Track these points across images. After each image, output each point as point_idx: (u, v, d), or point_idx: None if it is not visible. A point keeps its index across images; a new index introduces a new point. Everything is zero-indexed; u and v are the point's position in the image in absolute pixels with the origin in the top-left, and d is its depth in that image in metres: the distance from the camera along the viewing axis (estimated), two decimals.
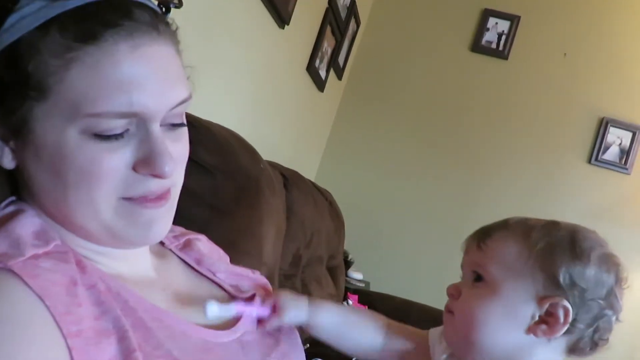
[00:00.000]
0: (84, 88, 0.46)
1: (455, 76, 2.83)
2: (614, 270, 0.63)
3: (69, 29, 0.46)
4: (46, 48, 0.46)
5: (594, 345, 0.63)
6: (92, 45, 0.46)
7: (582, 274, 0.60)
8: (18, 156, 0.51)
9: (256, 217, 1.06)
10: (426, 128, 2.83)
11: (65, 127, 0.47)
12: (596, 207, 2.64)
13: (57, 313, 0.45)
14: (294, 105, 2.25)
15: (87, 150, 0.48)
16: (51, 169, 0.49)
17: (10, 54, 0.47)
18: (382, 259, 2.77)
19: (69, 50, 0.46)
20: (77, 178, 0.49)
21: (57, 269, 0.48)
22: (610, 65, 2.68)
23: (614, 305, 0.62)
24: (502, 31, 2.79)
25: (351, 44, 2.73)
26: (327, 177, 2.80)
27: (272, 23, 1.73)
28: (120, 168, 0.50)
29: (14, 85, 0.47)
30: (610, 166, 2.67)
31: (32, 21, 0.46)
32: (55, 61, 0.46)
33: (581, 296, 0.60)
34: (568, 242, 0.61)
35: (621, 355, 2.56)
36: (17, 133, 0.49)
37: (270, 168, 1.41)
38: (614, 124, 2.66)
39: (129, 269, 0.58)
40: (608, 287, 0.62)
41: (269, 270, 1.26)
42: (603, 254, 0.62)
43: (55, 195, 0.51)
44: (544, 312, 0.60)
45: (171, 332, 0.53)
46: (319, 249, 1.85)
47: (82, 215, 0.52)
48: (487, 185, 2.70)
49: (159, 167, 0.50)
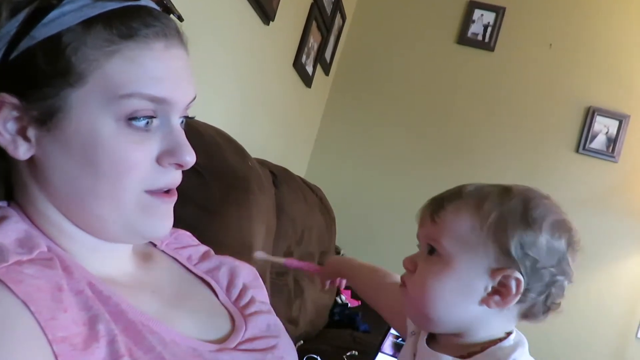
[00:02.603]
0: (122, 75, 0.51)
1: (442, 69, 2.84)
2: (566, 236, 0.63)
3: (112, 26, 0.51)
4: (90, 41, 0.50)
5: (547, 310, 0.64)
6: (132, 41, 0.51)
7: (534, 244, 0.60)
8: (38, 145, 0.52)
9: (245, 215, 1.05)
10: (414, 121, 2.83)
11: (100, 114, 0.51)
12: (585, 196, 2.66)
13: (42, 319, 0.44)
14: (281, 102, 2.24)
15: (120, 140, 0.52)
16: (82, 157, 0.51)
17: (51, 45, 0.50)
18: (374, 254, 2.77)
19: (111, 44, 0.51)
20: (109, 167, 0.52)
21: (41, 275, 0.47)
22: (596, 55, 2.70)
23: (566, 271, 0.63)
24: (488, 23, 2.79)
25: (337, 39, 2.72)
26: (318, 173, 2.80)
27: (257, 20, 1.72)
28: (148, 160, 0.53)
29: (52, 73, 0.50)
30: (597, 155, 2.68)
31: (74, 17, 0.50)
32: (98, 52, 0.50)
33: (533, 266, 0.60)
34: (520, 211, 0.61)
35: (610, 346, 2.59)
36: (47, 121, 0.51)
37: (259, 166, 1.40)
38: (600, 113, 2.68)
39: (119, 269, 0.58)
40: (560, 254, 0.62)
41: (260, 269, 1.25)
42: (555, 220, 0.63)
43: (80, 185, 0.52)
44: (497, 283, 0.61)
45: (161, 337, 0.53)
46: (311, 246, 1.85)
47: (105, 206, 0.53)
48: (475, 177, 2.68)
49: (183, 156, 0.55)
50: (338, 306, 2.10)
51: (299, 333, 1.68)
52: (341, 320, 2.04)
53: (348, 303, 2.17)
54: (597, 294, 2.60)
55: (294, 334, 1.63)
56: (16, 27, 0.50)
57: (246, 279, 0.74)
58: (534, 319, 0.64)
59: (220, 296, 0.69)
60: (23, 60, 0.50)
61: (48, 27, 0.50)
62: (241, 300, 0.70)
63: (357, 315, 2.06)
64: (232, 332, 0.63)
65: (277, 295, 1.52)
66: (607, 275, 2.61)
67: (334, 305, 2.09)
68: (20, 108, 0.51)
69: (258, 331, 0.66)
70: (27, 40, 0.50)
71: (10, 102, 0.51)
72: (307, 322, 1.74)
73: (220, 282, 0.71)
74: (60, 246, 0.54)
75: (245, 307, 0.69)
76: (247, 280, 0.74)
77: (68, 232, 0.55)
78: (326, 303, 2.00)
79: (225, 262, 0.74)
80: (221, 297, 0.69)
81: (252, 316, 0.67)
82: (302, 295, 1.73)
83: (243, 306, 0.69)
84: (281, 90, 2.20)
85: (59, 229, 0.55)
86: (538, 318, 0.64)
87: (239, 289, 0.71)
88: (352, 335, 1.88)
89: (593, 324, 2.60)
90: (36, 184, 0.54)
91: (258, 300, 0.72)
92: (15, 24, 0.50)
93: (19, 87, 0.51)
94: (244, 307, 0.69)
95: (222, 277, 0.72)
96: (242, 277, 0.74)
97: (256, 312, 0.69)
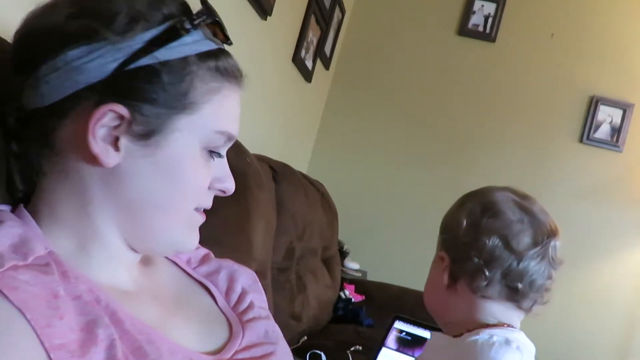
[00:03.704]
0: (220, 111, 0.57)
1: (444, 61, 2.81)
2: (489, 214, 0.75)
3: (220, 64, 0.56)
4: (202, 74, 0.55)
5: (514, 291, 0.72)
6: (228, 82, 0.57)
7: (454, 224, 0.78)
8: (127, 157, 0.53)
9: (243, 212, 1.04)
10: (416, 114, 2.81)
11: (193, 142, 0.56)
12: (589, 186, 2.64)
13: (38, 326, 0.44)
14: (281, 98, 2.23)
15: (198, 165, 0.57)
16: (165, 174, 0.55)
17: (175, 69, 0.53)
18: (378, 248, 2.77)
19: (216, 81, 0.56)
20: (183, 186, 0.56)
21: (36, 281, 0.47)
22: (598, 44, 2.67)
23: (493, 246, 0.72)
24: (489, 14, 2.77)
25: (337, 33, 2.71)
26: (320, 168, 2.79)
27: (254, 14, 1.70)
28: (206, 184, 0.59)
29: (172, 95, 0.53)
30: (602, 145, 2.66)
31: (192, 49, 0.54)
32: (207, 86, 0.55)
33: (453, 242, 0.76)
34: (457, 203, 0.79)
35: (616, 335, 2.58)
36: (148, 137, 0.53)
37: (258, 162, 1.40)
38: (604, 102, 2.65)
39: (121, 276, 0.58)
40: (479, 231, 0.73)
41: (260, 265, 1.24)
42: (484, 202, 0.77)
43: (154, 197, 0.55)
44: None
45: (157, 347, 0.52)
46: (313, 241, 1.85)
47: (165, 217, 0.57)
48: (479, 169, 2.69)
49: (229, 184, 0.61)
50: (342, 301, 2.10)
51: (302, 329, 1.67)
52: (345, 315, 2.04)
53: (352, 298, 2.17)
54: (602, 284, 2.59)
55: (297, 330, 1.63)
56: (143, 42, 0.52)
57: (245, 283, 0.74)
58: (517, 302, 0.73)
59: (218, 301, 0.69)
60: (144, 76, 0.52)
61: (171, 51, 0.53)
62: (240, 306, 0.70)
63: (361, 310, 2.05)
64: (229, 340, 0.63)
65: (279, 291, 1.51)
66: (612, 265, 2.60)
67: (337, 300, 2.09)
68: (126, 120, 0.52)
69: (256, 338, 0.65)
70: (149, 57, 0.52)
71: (119, 113, 0.52)
72: (310, 317, 1.73)
73: (219, 286, 0.71)
74: (64, 253, 0.54)
75: (244, 313, 0.68)
76: (246, 285, 0.74)
77: (99, 240, 0.55)
78: (330, 298, 2.00)
79: (224, 265, 0.74)
80: (220, 303, 0.69)
81: (250, 322, 0.67)
82: (305, 291, 1.73)
83: (241, 312, 0.69)
84: (281, 86, 2.19)
85: (85, 236, 0.55)
86: (521, 302, 0.73)
87: (237, 294, 0.71)
88: (356, 330, 1.87)
89: (598, 313, 2.59)
90: (103, 190, 0.54)
91: (257, 306, 0.71)
92: (142, 39, 0.52)
93: (130, 100, 0.52)
94: (243, 312, 0.68)
95: (222, 282, 0.71)
96: (241, 281, 0.73)
97: (254, 318, 0.68)
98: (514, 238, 0.71)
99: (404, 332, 1.44)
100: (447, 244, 0.77)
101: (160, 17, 0.54)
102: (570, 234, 2.49)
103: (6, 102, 0.55)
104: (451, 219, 0.78)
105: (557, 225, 0.74)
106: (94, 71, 0.51)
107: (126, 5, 0.53)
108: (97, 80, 0.51)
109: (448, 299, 0.75)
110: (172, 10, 0.55)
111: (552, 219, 0.75)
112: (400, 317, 1.46)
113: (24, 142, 0.56)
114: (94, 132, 0.51)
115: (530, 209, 0.74)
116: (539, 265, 0.71)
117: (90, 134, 0.51)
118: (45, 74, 0.51)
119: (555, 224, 0.74)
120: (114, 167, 0.53)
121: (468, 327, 0.73)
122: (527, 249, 0.71)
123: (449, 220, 0.79)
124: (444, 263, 0.76)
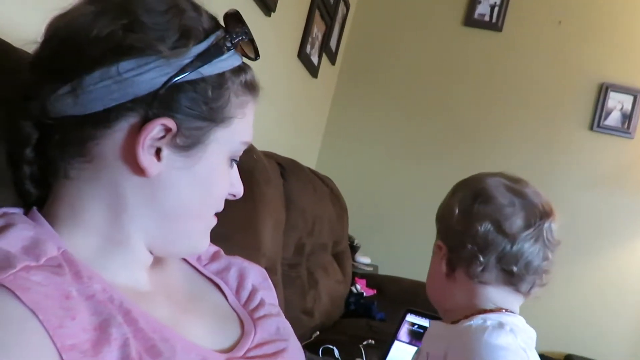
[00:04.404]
0: (247, 123, 0.60)
1: (450, 52, 2.79)
2: (479, 200, 0.75)
3: (248, 78, 0.59)
4: (235, 88, 0.57)
5: (508, 275, 0.72)
6: (252, 95, 0.60)
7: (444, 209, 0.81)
8: (167, 167, 0.55)
9: (251, 209, 1.04)
10: (424, 106, 2.80)
11: (224, 153, 0.58)
12: (600, 174, 2.61)
13: (50, 327, 0.44)
14: (287, 94, 2.23)
15: (224, 173, 0.60)
16: (201, 183, 0.57)
17: (218, 84, 0.55)
18: (389, 242, 2.76)
19: (245, 94, 0.59)
20: (213, 193, 0.59)
21: (48, 282, 0.47)
22: (606, 30, 2.64)
23: (486, 231, 0.73)
24: (494, 3, 2.74)
25: (342, 28, 2.70)
26: (328, 163, 2.79)
27: (257, 11, 1.70)
28: (228, 190, 0.62)
29: (214, 109, 0.56)
30: (612, 132, 2.63)
31: (228, 64, 0.56)
32: (238, 100, 0.58)
33: (446, 230, 0.78)
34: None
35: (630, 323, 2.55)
36: (188, 149, 0.55)
37: (266, 158, 1.40)
38: (614, 89, 2.62)
39: (135, 275, 0.58)
40: (469, 216, 0.75)
41: (270, 261, 1.25)
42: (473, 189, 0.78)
43: (187, 205, 0.57)
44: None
45: (171, 345, 0.52)
46: (322, 236, 1.85)
47: (192, 225, 0.59)
48: (489, 159, 2.67)
49: (240, 188, 0.64)
50: (353, 295, 2.10)
51: (315, 324, 1.68)
52: (357, 309, 2.04)
53: (363, 292, 2.17)
54: (614, 272, 2.57)
55: (310, 325, 1.63)
56: (191, 58, 0.53)
57: (255, 280, 0.74)
58: (515, 286, 0.73)
59: (229, 299, 0.69)
60: (190, 90, 0.53)
61: (212, 67, 0.55)
62: (251, 303, 0.70)
63: (373, 304, 2.05)
64: (241, 338, 0.63)
65: (290, 287, 1.52)
66: (624, 253, 2.57)
67: (349, 294, 2.09)
68: (172, 133, 0.53)
69: (267, 335, 0.66)
70: (195, 73, 0.53)
71: (167, 126, 0.53)
72: (322, 312, 1.73)
73: (229, 284, 0.71)
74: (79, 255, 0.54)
75: (255, 310, 0.69)
76: (256, 282, 0.74)
77: (125, 245, 0.56)
78: (341, 293, 2.00)
79: (234, 262, 0.74)
80: (230, 300, 0.69)
81: (261, 320, 0.67)
82: (317, 286, 1.73)
83: (252, 309, 0.69)
84: (286, 82, 2.19)
85: (110, 240, 0.55)
86: (519, 286, 0.73)
87: (248, 291, 0.71)
88: (368, 324, 1.87)
89: (610, 302, 2.56)
90: (140, 198, 0.55)
91: (267, 303, 0.72)
92: (191, 54, 0.53)
93: (176, 113, 0.53)
94: (253, 310, 0.69)
95: (232, 279, 0.72)
96: (251, 278, 0.73)
97: (265, 315, 0.68)
98: (506, 221, 0.71)
99: (416, 325, 1.43)
100: (442, 233, 0.78)
101: (203, 32, 0.55)
102: (581, 223, 2.49)
103: (19, 106, 0.54)
104: (444, 208, 0.79)
105: (551, 206, 0.74)
106: (144, 84, 0.51)
107: (177, 20, 0.54)
108: (145, 93, 0.52)
109: (447, 287, 0.77)
110: (210, 25, 0.57)
111: (547, 200, 0.75)
112: (412, 310, 1.46)
113: (47, 148, 0.55)
114: (143, 144, 0.52)
115: (522, 191, 0.74)
116: (534, 247, 0.71)
117: (140, 146, 0.52)
118: (91, 82, 0.51)
119: (550, 205, 0.74)
120: (155, 177, 0.54)
121: (465, 314, 0.73)
122: (519, 231, 0.71)
123: (442, 209, 0.80)
124: (441, 252, 0.77)
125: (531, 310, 0.78)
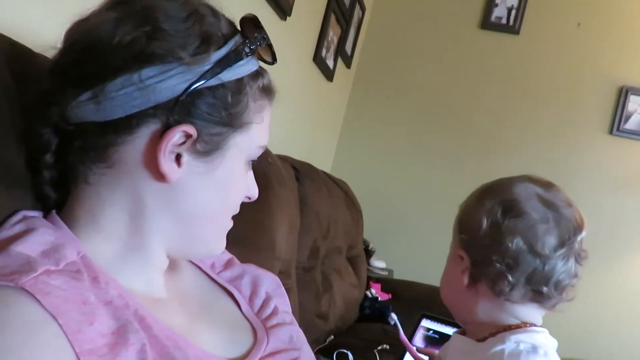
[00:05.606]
0: (262, 128, 0.60)
1: (467, 55, 2.77)
2: (510, 215, 0.71)
3: (265, 82, 0.59)
4: (253, 93, 0.57)
5: (539, 294, 0.69)
6: (268, 100, 0.60)
7: (470, 220, 0.74)
8: (187, 172, 0.55)
9: (266, 211, 1.04)
10: (441, 110, 2.78)
11: (242, 157, 0.59)
12: (621, 178, 2.57)
13: (69, 331, 0.44)
14: (303, 97, 2.23)
15: (243, 176, 0.60)
16: (219, 188, 0.58)
17: (236, 89, 0.55)
18: (404, 246, 2.74)
19: (262, 99, 0.59)
20: (232, 197, 0.60)
21: (67, 287, 0.47)
22: (626, 33, 2.59)
23: (519, 250, 0.68)
24: (512, 5, 2.71)
25: (358, 31, 2.69)
26: (344, 167, 2.78)
27: (273, 15, 1.71)
28: (245, 193, 0.63)
29: (233, 115, 0.56)
30: (633, 135, 2.58)
31: (246, 69, 0.56)
32: (255, 105, 0.58)
33: (471, 241, 0.73)
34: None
35: None
36: (208, 154, 0.55)
37: (281, 162, 1.40)
38: (634, 92, 2.57)
39: (150, 281, 0.58)
40: (499, 231, 0.70)
41: (285, 265, 1.24)
42: (500, 200, 0.73)
43: (207, 209, 0.58)
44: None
45: (184, 353, 0.53)
46: (337, 240, 1.84)
47: (211, 229, 0.60)
48: (506, 164, 2.64)
49: (255, 191, 0.64)
50: (368, 300, 2.09)
51: (330, 328, 1.67)
52: (371, 314, 2.03)
53: (378, 297, 2.15)
54: (637, 278, 2.51)
55: (324, 329, 1.63)
56: (211, 64, 0.53)
57: (269, 287, 0.74)
58: (541, 303, 0.70)
59: (242, 307, 0.69)
60: (210, 96, 0.54)
61: (232, 72, 0.55)
62: (264, 312, 0.70)
63: (388, 309, 2.04)
64: (254, 347, 0.63)
65: (304, 290, 1.51)
66: None
67: (364, 299, 2.08)
68: (192, 139, 0.53)
69: (280, 344, 0.65)
70: (215, 79, 0.53)
71: (188, 132, 0.53)
72: (336, 316, 1.73)
73: (243, 292, 0.71)
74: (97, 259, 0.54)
75: (268, 319, 0.68)
76: (269, 290, 0.74)
77: (142, 250, 0.56)
78: (356, 297, 1.99)
79: (247, 270, 0.74)
80: (244, 308, 0.69)
81: (274, 328, 0.67)
82: (331, 290, 1.73)
83: (266, 318, 0.69)
84: (302, 86, 2.19)
85: (128, 245, 0.56)
86: (545, 303, 0.70)
87: (261, 299, 0.71)
88: (383, 329, 1.86)
89: (633, 307, 2.51)
90: (160, 203, 0.55)
91: (281, 311, 0.72)
92: (211, 60, 0.53)
93: (197, 119, 0.53)
94: (267, 318, 0.69)
95: (245, 287, 0.72)
96: (265, 286, 0.73)
97: (279, 324, 0.68)
98: (539, 241, 0.67)
99: (431, 330, 1.42)
100: (466, 244, 0.73)
101: (222, 38, 0.55)
102: (602, 228, 2.45)
103: (39, 113, 0.55)
104: (470, 218, 0.73)
105: (582, 216, 0.70)
106: (166, 91, 0.52)
107: (197, 26, 0.54)
108: (166, 99, 0.52)
109: (468, 297, 0.72)
110: (228, 31, 0.57)
111: (577, 209, 0.71)
112: (427, 315, 1.44)
113: (66, 153, 0.56)
114: (165, 150, 0.52)
115: (554, 202, 0.69)
116: (566, 266, 0.68)
117: (162, 152, 0.52)
118: (113, 89, 0.51)
119: (581, 215, 0.70)
120: (175, 182, 0.55)
121: (491, 331, 0.70)
122: (552, 250, 0.67)
123: (467, 219, 0.74)
124: (463, 263, 0.73)
125: (552, 318, 0.76)
